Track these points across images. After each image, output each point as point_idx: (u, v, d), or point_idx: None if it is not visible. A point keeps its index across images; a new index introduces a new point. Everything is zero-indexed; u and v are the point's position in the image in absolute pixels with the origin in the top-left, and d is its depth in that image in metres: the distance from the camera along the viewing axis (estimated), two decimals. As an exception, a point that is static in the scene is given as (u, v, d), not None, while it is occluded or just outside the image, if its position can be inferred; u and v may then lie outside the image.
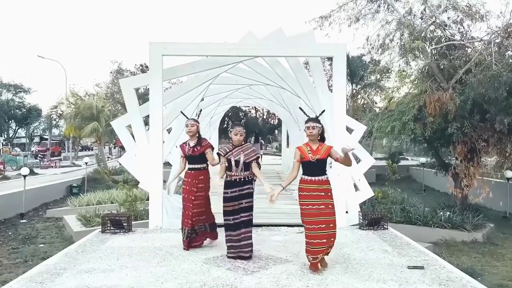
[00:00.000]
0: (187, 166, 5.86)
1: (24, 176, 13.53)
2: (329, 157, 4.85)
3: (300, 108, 5.39)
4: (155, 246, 6.16)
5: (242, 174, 5.33)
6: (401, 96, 13.88)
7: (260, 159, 5.72)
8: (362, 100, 30.76)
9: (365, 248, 6.00)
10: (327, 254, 4.91)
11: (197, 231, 5.87)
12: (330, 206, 4.73)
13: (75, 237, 9.19)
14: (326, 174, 4.86)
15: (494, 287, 6.78)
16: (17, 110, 49.51)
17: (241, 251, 5.33)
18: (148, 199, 8.63)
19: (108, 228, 7.13)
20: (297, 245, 6.14)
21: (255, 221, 8.01)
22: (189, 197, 5.73)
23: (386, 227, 7.29)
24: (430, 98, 10.95)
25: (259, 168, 5.52)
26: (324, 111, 5.42)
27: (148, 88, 8.07)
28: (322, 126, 4.94)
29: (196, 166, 5.83)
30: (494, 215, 13.03)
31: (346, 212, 7.89)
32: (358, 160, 9.54)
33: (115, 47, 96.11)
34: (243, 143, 5.43)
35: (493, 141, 11.46)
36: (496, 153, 12.50)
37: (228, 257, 5.39)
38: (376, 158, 17.03)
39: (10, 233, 10.99)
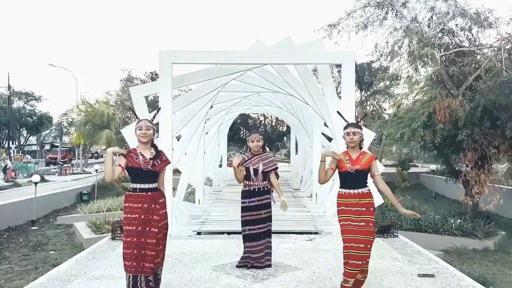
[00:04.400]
0: (133, 185, 4.15)
1: (35, 183, 13.66)
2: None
3: (338, 112, 4.81)
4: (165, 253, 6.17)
5: (261, 183, 5.24)
6: (410, 102, 13.84)
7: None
8: (371, 107, 30.68)
9: (375, 256, 5.96)
10: (362, 281, 4.22)
11: (159, 279, 4.27)
12: (370, 224, 4.12)
13: (85, 244, 9.26)
14: (367, 186, 4.25)
15: (506, 295, 6.71)
16: (28, 118, 50.04)
17: (254, 261, 5.24)
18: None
19: (118, 235, 7.16)
20: (306, 253, 6.14)
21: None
22: (146, 229, 4.06)
23: (396, 234, 7.25)
24: (439, 105, 10.91)
25: (277, 179, 5.42)
26: (366, 114, 4.79)
27: (158, 96, 8.13)
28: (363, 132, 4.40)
29: (151, 185, 4.16)
30: (505, 223, 12.90)
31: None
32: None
33: (125, 55, 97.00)
34: (261, 151, 5.32)
35: (504, 147, 11.38)
36: (507, 159, 12.41)
37: (238, 266, 5.30)
38: (385, 165, 16.93)
39: (21, 240, 11.09)
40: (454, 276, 5.01)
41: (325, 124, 10.80)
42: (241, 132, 5.53)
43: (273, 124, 48.72)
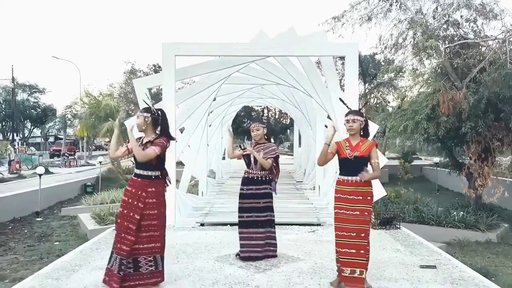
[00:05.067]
0: (135, 170, 4.29)
1: (40, 175, 13.75)
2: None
3: (340, 99, 4.81)
4: (168, 244, 6.13)
5: (259, 172, 5.27)
6: (414, 95, 13.80)
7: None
8: (375, 100, 30.58)
9: (377, 247, 5.99)
10: (363, 268, 4.12)
11: (141, 267, 4.14)
12: (366, 213, 4.10)
13: (90, 235, 9.33)
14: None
15: (508, 287, 6.72)
16: (32, 110, 50.21)
17: (252, 250, 5.26)
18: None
19: (122, 226, 7.21)
20: (308, 244, 6.17)
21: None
22: (130, 214, 4.09)
23: (398, 226, 7.28)
24: (443, 97, 10.86)
25: (276, 168, 5.39)
26: (366, 103, 4.73)
27: (161, 88, 8.15)
28: (366, 120, 4.36)
29: (144, 172, 4.18)
30: (508, 215, 12.88)
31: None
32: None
33: (128, 47, 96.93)
34: (265, 141, 5.35)
35: (508, 140, 11.35)
36: (510, 152, 12.38)
37: (242, 258, 5.28)
38: (389, 158, 16.95)
39: (26, 231, 11.19)
40: (456, 267, 5.03)
41: (329, 117, 10.79)
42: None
43: (277, 116, 48.66)
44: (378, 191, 8.79)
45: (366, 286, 4.11)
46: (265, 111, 45.45)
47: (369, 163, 4.24)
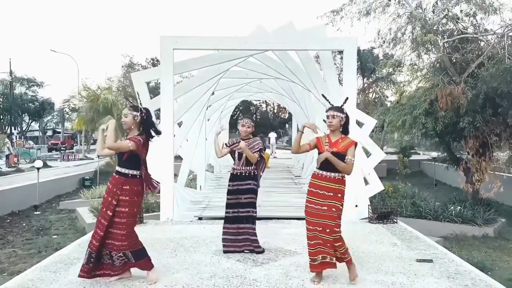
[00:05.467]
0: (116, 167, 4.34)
1: (38, 169, 13.74)
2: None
3: (323, 95, 4.88)
4: (166, 237, 6.25)
5: (244, 168, 5.29)
6: (413, 90, 13.80)
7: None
8: (373, 94, 30.59)
9: (374, 241, 6.03)
10: (333, 256, 4.19)
11: (114, 260, 4.22)
12: (333, 209, 4.11)
13: (88, 229, 9.35)
14: (339, 172, 4.21)
15: (504, 281, 6.76)
16: (30, 104, 50.08)
17: (236, 245, 5.30)
18: (159, 192, 8.72)
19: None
20: (306, 238, 6.17)
21: (265, 214, 8.16)
22: (104, 210, 4.16)
23: (395, 221, 7.30)
24: (441, 92, 10.87)
25: (264, 163, 5.43)
26: (347, 98, 4.72)
27: (159, 82, 8.13)
28: (347, 117, 4.32)
29: (122, 170, 4.22)
30: (505, 210, 12.95)
31: (356, 205, 7.91)
32: (368, 154, 9.54)
33: (126, 41, 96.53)
34: (251, 136, 5.35)
35: (505, 135, 11.38)
36: (508, 147, 12.40)
37: (224, 251, 5.33)
38: (387, 153, 16.98)
39: (24, 224, 11.20)
40: (453, 261, 5.06)
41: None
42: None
43: (275, 111, 48.65)
44: (375, 185, 8.86)
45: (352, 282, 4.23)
46: (264, 105, 45.43)
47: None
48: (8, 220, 11.58)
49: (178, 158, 11.60)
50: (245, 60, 9.98)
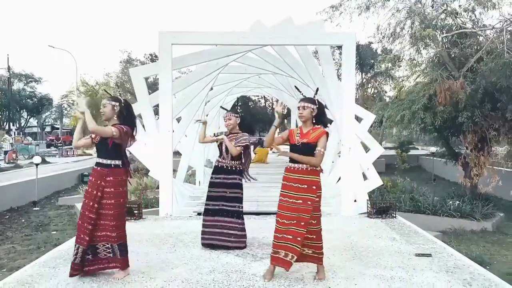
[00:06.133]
0: (96, 159, 4.25)
1: (37, 165, 13.73)
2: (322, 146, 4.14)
3: (295, 87, 5.01)
4: (166, 233, 6.26)
5: (229, 162, 5.28)
6: (411, 85, 13.80)
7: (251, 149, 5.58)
8: (372, 89, 30.57)
9: (373, 236, 6.04)
10: (314, 257, 4.21)
11: (99, 253, 4.19)
12: (309, 202, 4.05)
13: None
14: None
15: (502, 275, 6.79)
16: (29, 100, 49.99)
17: (214, 238, 5.25)
18: (158, 188, 8.74)
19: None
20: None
21: (263, 209, 8.18)
22: (89, 203, 4.10)
23: (394, 215, 7.31)
24: (440, 87, 10.88)
25: (246, 157, 5.43)
26: (318, 89, 4.67)
27: (158, 78, 8.11)
28: (319, 108, 4.24)
29: (103, 161, 4.16)
30: (504, 205, 12.99)
31: (355, 200, 7.92)
32: (367, 150, 9.55)
33: (124, 36, 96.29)
34: (239, 132, 5.35)
35: (504, 130, 11.40)
36: (507, 142, 12.42)
37: (202, 244, 5.33)
38: (385, 148, 17.00)
39: (23, 220, 11.20)
40: (451, 255, 5.07)
41: (326, 106, 10.80)
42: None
43: (274, 106, 48.59)
44: (374, 180, 8.88)
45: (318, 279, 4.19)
46: (262, 100, 45.37)
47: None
48: (7, 216, 11.59)
49: (177, 153, 11.59)
50: (244, 55, 9.96)
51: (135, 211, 7.24)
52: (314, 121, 4.24)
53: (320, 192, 4.19)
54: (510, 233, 9.99)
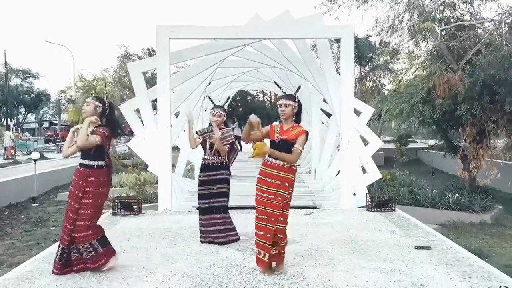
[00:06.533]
0: (80, 160, 4.32)
1: (35, 161, 13.70)
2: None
3: (275, 82, 5.03)
4: (165, 227, 6.26)
5: (215, 158, 5.26)
6: (410, 78, 13.77)
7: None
8: (371, 83, 30.54)
9: (373, 229, 6.05)
10: (267, 252, 4.13)
11: (82, 253, 4.24)
12: (279, 198, 4.08)
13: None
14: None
15: (501, 267, 6.81)
16: (26, 95, 49.82)
17: (211, 236, 5.29)
18: (157, 183, 8.73)
19: (118, 210, 7.24)
20: (304, 227, 6.21)
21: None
22: (71, 203, 4.20)
23: (393, 208, 7.32)
24: (439, 80, 10.85)
25: (235, 154, 5.46)
26: (299, 87, 4.77)
27: (156, 73, 8.08)
28: (300, 105, 4.31)
29: (86, 161, 4.24)
30: (502, 197, 13.01)
31: (354, 194, 7.93)
32: (366, 143, 9.54)
33: (122, 31, 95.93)
34: (223, 127, 5.32)
35: (503, 122, 11.40)
36: (505, 134, 12.43)
37: (201, 241, 5.35)
38: (384, 141, 17.02)
39: (22, 216, 11.19)
40: (451, 248, 5.09)
41: (324, 100, 10.78)
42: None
43: (272, 100, 48.56)
44: (373, 173, 8.88)
45: (277, 271, 4.21)
46: (260, 95, 45.34)
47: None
48: (6, 212, 11.56)
49: (175, 148, 11.56)
50: (242, 49, 9.91)
51: (134, 206, 7.25)
52: (294, 118, 4.27)
53: (292, 190, 4.22)
54: (508, 225, 10.01)
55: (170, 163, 7.78)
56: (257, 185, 4.24)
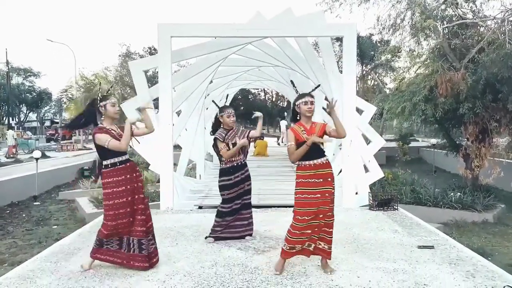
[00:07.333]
0: (112, 160, 4.22)
1: (37, 159, 13.70)
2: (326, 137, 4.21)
3: (291, 81, 5.02)
4: (167, 226, 6.24)
5: (241, 157, 5.30)
6: (412, 76, 13.73)
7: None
8: (372, 81, 30.50)
9: (375, 228, 6.02)
10: (324, 253, 4.20)
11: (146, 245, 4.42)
12: (326, 195, 4.09)
13: (88, 219, 9.34)
14: (325, 155, 4.21)
15: (504, 267, 6.78)
16: (28, 94, 49.89)
17: (232, 231, 5.34)
18: (159, 181, 8.72)
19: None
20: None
21: (264, 202, 8.17)
22: (137, 197, 4.30)
23: (396, 207, 7.30)
24: (441, 78, 10.80)
25: (247, 148, 5.48)
26: (319, 85, 4.75)
27: (157, 71, 8.06)
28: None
29: (127, 156, 4.37)
30: (505, 196, 12.96)
31: (356, 193, 7.90)
32: (368, 142, 9.51)
33: (123, 30, 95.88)
34: (233, 126, 5.35)
35: (505, 121, 11.35)
36: (508, 133, 12.38)
37: (215, 239, 5.34)
38: (386, 140, 16.94)
39: (24, 215, 11.19)
40: (454, 247, 5.06)
41: (326, 99, 10.75)
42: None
43: (273, 99, 48.54)
44: (375, 172, 8.84)
45: (327, 271, 4.22)
46: (262, 93, 45.32)
47: (329, 136, 4.23)
48: (8, 211, 11.57)
49: (177, 147, 11.55)
50: (244, 47, 9.89)
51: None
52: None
53: (299, 188, 4.16)
54: (511, 224, 9.98)
55: (171, 162, 7.76)
56: (299, 188, 4.14)
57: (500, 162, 12.76)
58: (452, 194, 10.95)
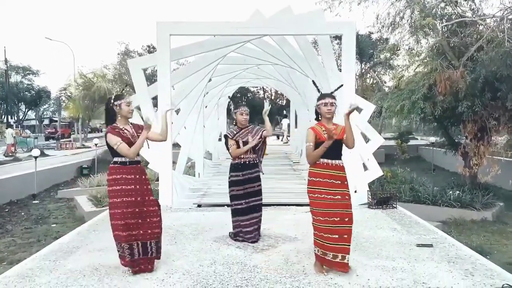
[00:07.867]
0: (122, 158, 4.19)
1: (35, 158, 13.69)
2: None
3: (313, 81, 4.97)
4: (166, 225, 6.19)
5: (251, 156, 5.26)
6: (411, 74, 13.72)
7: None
8: (371, 80, 30.49)
9: (374, 227, 6.03)
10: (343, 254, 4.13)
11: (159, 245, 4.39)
12: (347, 197, 4.13)
13: (87, 217, 9.34)
14: (341, 159, 4.22)
15: (503, 265, 6.79)
16: (26, 93, 49.82)
17: (251, 236, 5.24)
18: (157, 180, 8.71)
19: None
20: (306, 224, 6.15)
21: (264, 200, 8.11)
22: (148, 198, 4.27)
23: (395, 206, 7.30)
24: (440, 77, 10.79)
25: (264, 149, 5.45)
26: (342, 85, 4.70)
27: (156, 69, 8.05)
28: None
29: (138, 158, 4.34)
30: (504, 194, 12.98)
31: (355, 191, 7.90)
32: (367, 140, 9.50)
33: (122, 28, 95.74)
34: (248, 124, 5.33)
35: (504, 119, 11.33)
36: (506, 131, 12.38)
37: (252, 242, 5.22)
38: (385, 138, 16.96)
39: (22, 213, 11.19)
40: (453, 246, 5.07)
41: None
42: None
43: (272, 97, 48.47)
44: (374, 171, 8.85)
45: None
46: (261, 92, 45.29)
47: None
48: (7, 209, 11.57)
49: (176, 145, 11.55)
50: (243, 45, 9.88)
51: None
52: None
53: (316, 187, 4.17)
54: (510, 223, 9.98)
55: (170, 160, 7.76)
56: (316, 188, 4.15)
57: (498, 160, 12.77)
58: (451, 192, 10.95)
